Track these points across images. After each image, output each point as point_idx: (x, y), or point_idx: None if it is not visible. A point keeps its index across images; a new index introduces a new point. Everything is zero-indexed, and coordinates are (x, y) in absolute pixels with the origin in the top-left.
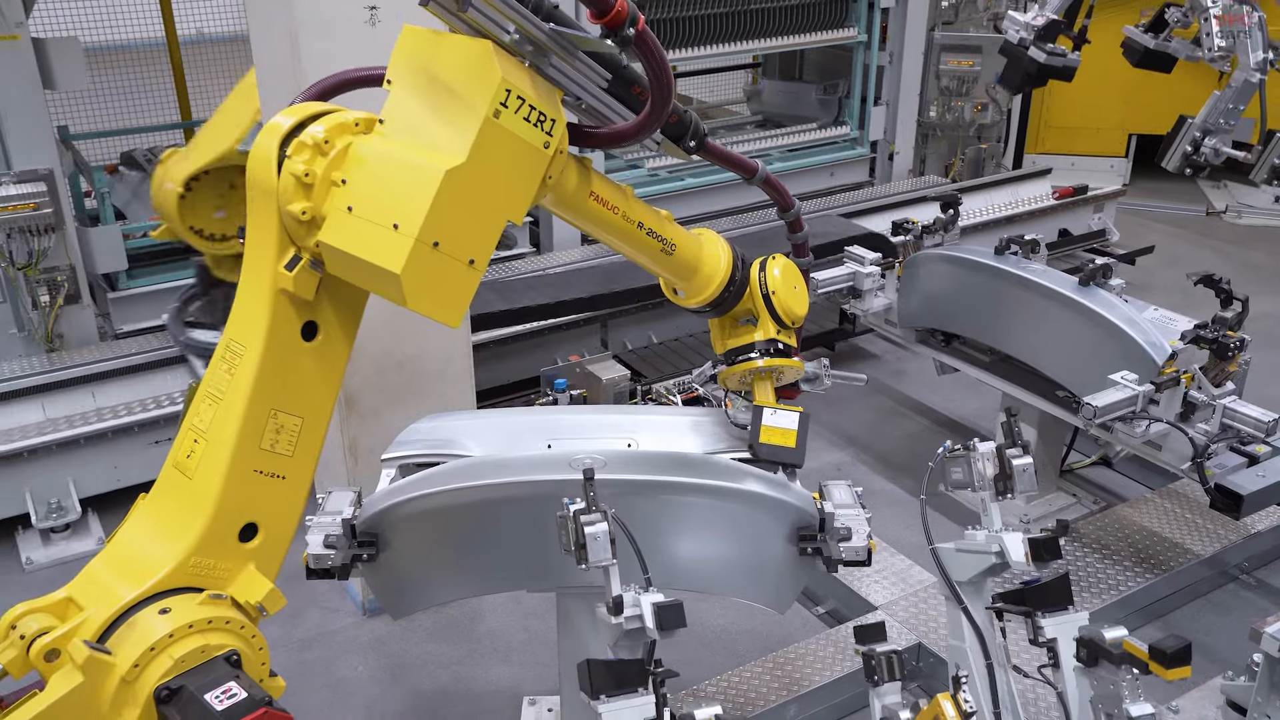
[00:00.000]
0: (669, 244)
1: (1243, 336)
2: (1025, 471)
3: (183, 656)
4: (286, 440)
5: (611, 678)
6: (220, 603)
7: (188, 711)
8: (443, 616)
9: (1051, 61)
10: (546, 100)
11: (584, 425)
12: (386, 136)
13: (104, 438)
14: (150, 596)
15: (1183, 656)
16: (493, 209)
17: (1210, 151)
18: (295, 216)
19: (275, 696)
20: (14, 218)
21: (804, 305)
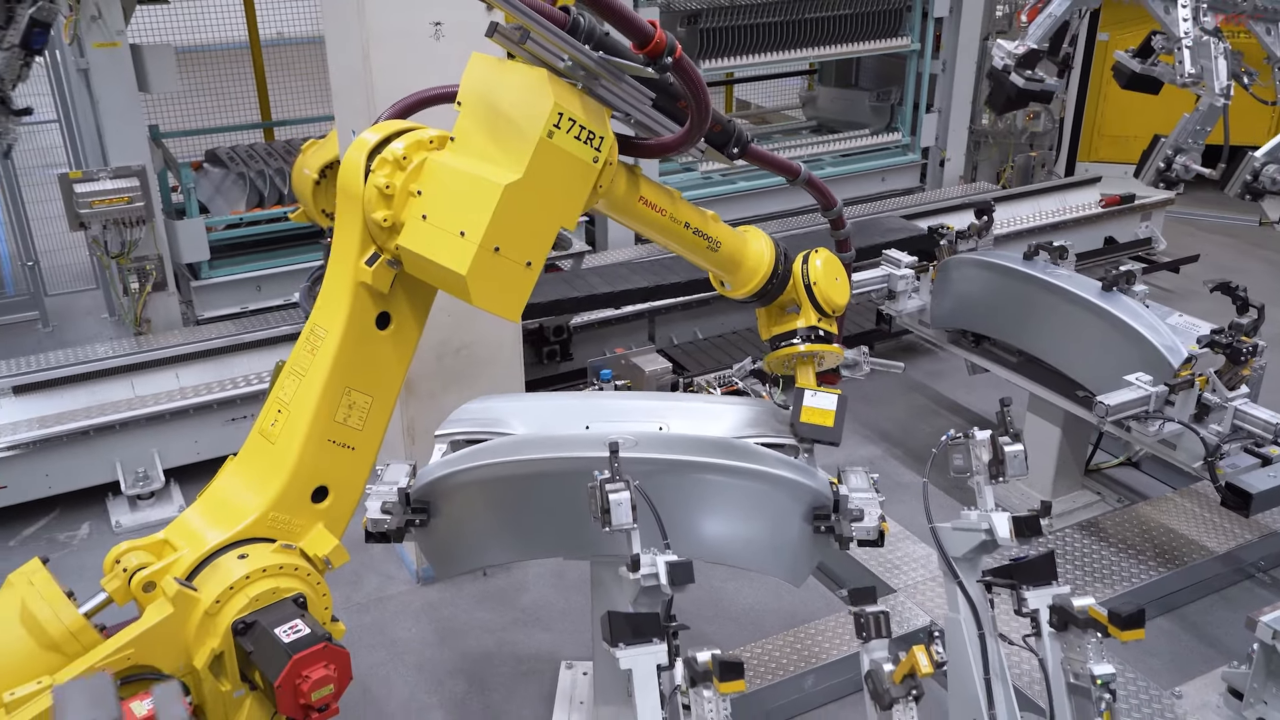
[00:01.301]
0: (714, 241)
1: (1256, 342)
2: (1016, 457)
3: (257, 595)
4: (358, 415)
5: (629, 628)
6: (291, 552)
7: (260, 642)
8: (490, 586)
9: (1029, 87)
10: (596, 120)
11: (620, 409)
12: (456, 153)
13: (186, 414)
14: (233, 543)
15: (1136, 620)
16: (548, 216)
17: (1181, 168)
18: (378, 223)
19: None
20: (109, 210)
21: (844, 295)
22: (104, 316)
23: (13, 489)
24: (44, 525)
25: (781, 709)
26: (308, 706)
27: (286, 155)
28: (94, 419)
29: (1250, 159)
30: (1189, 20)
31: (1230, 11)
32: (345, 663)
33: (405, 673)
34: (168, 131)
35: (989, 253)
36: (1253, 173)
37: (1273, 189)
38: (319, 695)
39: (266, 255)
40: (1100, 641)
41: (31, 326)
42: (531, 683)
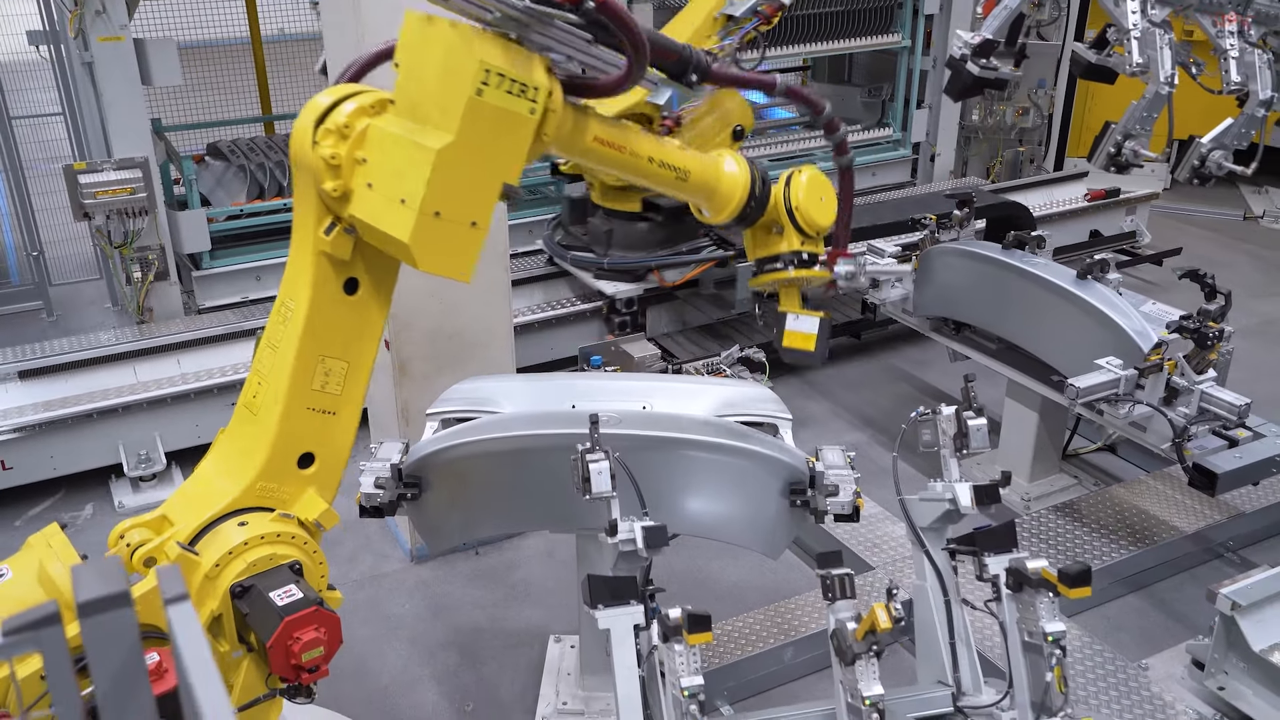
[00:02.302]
0: (682, 171)
1: (1223, 327)
2: (979, 430)
3: (254, 561)
4: (335, 381)
5: (608, 590)
6: (289, 521)
7: (255, 605)
8: (481, 564)
9: (984, 75)
10: (527, 71)
11: (604, 389)
12: (396, 115)
13: (187, 398)
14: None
15: (1083, 578)
16: (488, 175)
17: (1130, 153)
18: (329, 193)
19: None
20: (113, 201)
21: (828, 216)
22: (107, 306)
23: (18, 470)
24: (49, 506)
25: (762, 680)
26: (298, 667)
27: (286, 148)
28: (97, 403)
29: (1198, 145)
30: (1137, 13)
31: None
32: (335, 627)
33: (399, 646)
34: (170, 125)
35: (969, 243)
36: (1200, 158)
37: (1218, 173)
38: (309, 656)
39: (266, 246)
40: (1052, 601)
41: (36, 316)
42: (521, 655)
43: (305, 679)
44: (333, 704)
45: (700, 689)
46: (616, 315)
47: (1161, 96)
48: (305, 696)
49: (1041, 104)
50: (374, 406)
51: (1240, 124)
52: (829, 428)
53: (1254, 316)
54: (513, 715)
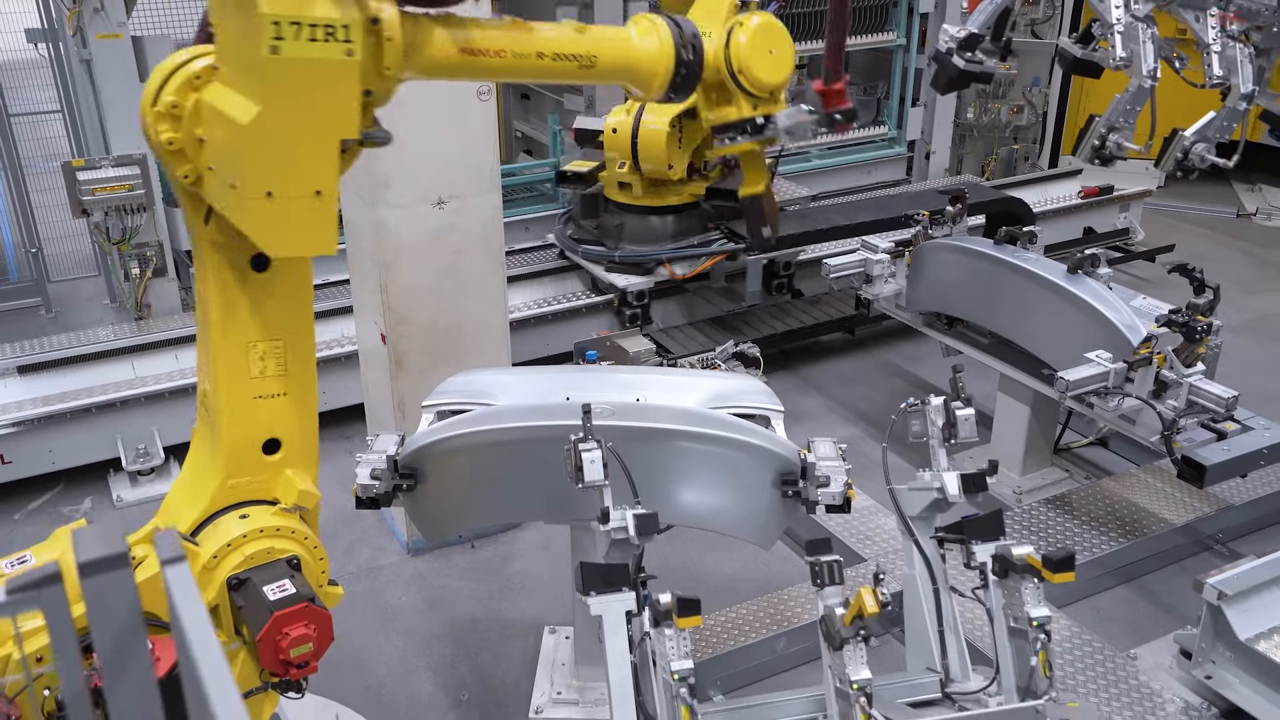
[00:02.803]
0: (586, 58)
1: (1211, 321)
2: (967, 420)
3: (251, 554)
4: (274, 363)
5: (600, 577)
6: (290, 515)
7: (248, 598)
8: (477, 557)
9: (969, 68)
10: (328, 9)
11: (599, 382)
12: (218, 85)
13: (185, 393)
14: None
15: (1066, 564)
16: (317, 137)
17: (1113, 145)
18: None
19: (332, 604)
20: (111, 198)
21: (780, 73)
22: (105, 303)
23: (18, 464)
24: (48, 499)
25: (755, 670)
26: (287, 662)
27: None
28: (96, 397)
29: (1181, 138)
30: (1120, 8)
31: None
32: (326, 624)
33: (395, 637)
34: None
35: (962, 238)
36: (1183, 150)
37: (1201, 165)
38: (298, 652)
39: None
40: (1037, 586)
41: (34, 312)
42: (516, 646)
43: (294, 674)
44: (330, 694)
45: (690, 673)
46: (627, 308)
47: (1144, 90)
48: (295, 692)
49: (1036, 102)
50: (371, 400)
51: (1222, 117)
52: (823, 422)
53: (1246, 313)
54: (508, 704)
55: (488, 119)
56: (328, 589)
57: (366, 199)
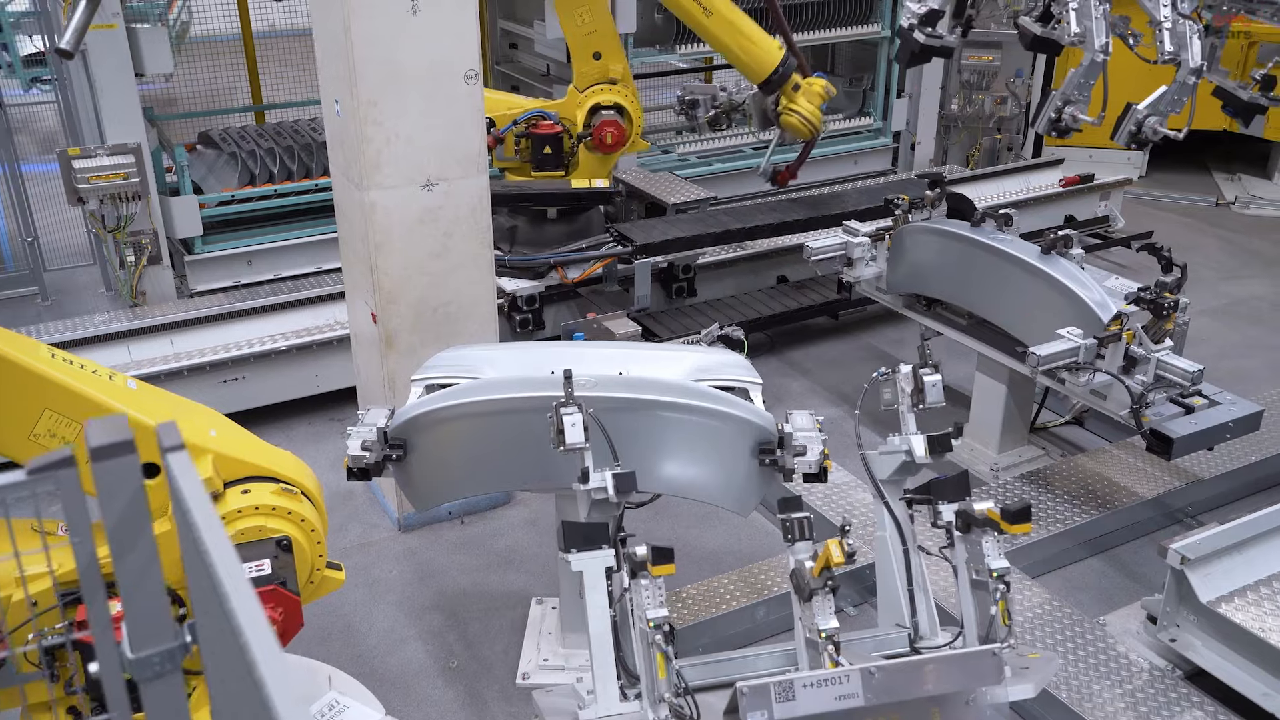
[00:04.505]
0: None
1: (1178, 298)
2: (935, 386)
3: (242, 530)
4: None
5: (580, 536)
6: (290, 496)
7: None
8: (467, 533)
9: (930, 43)
10: None
11: (583, 356)
12: None
13: (180, 375)
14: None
15: (1023, 515)
16: None
17: (1069, 118)
18: None
19: (333, 587)
20: (106, 186)
21: None
22: (101, 291)
23: None
24: None
25: (736, 637)
26: None
27: (277, 136)
28: None
29: (1134, 111)
30: None
31: None
32: (295, 609)
33: (386, 609)
34: (162, 114)
35: (940, 221)
36: (1136, 124)
37: (1154, 138)
38: None
39: (257, 231)
40: (997, 539)
41: (31, 301)
42: (504, 617)
43: None
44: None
45: (665, 620)
46: (517, 313)
47: (1097, 64)
48: None
49: (1019, 93)
50: (363, 380)
51: (1173, 91)
52: (806, 404)
53: (1222, 298)
54: (496, 670)
55: (475, 102)
56: (327, 573)
57: (356, 181)
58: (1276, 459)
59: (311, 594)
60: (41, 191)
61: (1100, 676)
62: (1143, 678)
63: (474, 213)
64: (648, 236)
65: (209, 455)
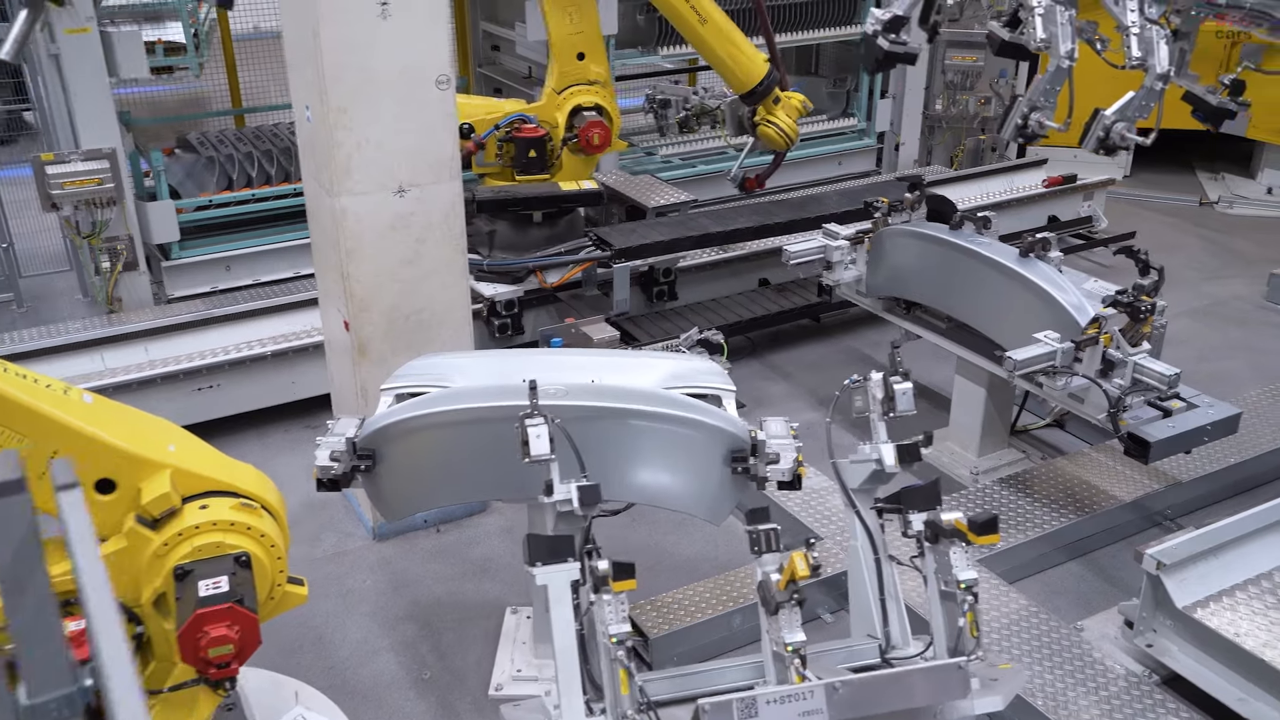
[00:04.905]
0: None
1: (1155, 301)
2: (905, 394)
3: (201, 546)
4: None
5: (546, 549)
6: (249, 511)
7: (185, 590)
8: (443, 542)
9: (894, 49)
10: None
11: (555, 364)
12: None
13: (154, 383)
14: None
15: (990, 526)
16: None
17: (1035, 124)
18: None
19: (295, 603)
20: (80, 192)
21: None
22: (77, 297)
23: None
24: None
25: (712, 645)
26: (206, 661)
27: (256, 140)
28: None
29: (1102, 117)
30: None
31: None
32: (252, 627)
33: (358, 619)
34: (139, 118)
35: (919, 224)
36: (1104, 129)
37: (1122, 144)
38: (217, 652)
39: (235, 236)
40: (965, 550)
41: (6, 307)
42: (478, 627)
43: (213, 674)
44: (292, 674)
45: (628, 635)
46: (496, 318)
47: (1062, 70)
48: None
49: (1003, 94)
50: (336, 388)
51: (1140, 97)
52: (786, 408)
53: (1204, 299)
54: (469, 682)
55: (447, 108)
56: (288, 588)
57: (327, 187)
58: (1255, 461)
59: (272, 610)
60: (16, 197)
61: (1076, 684)
62: (1119, 684)
63: (447, 219)
64: (626, 240)
65: (166, 470)
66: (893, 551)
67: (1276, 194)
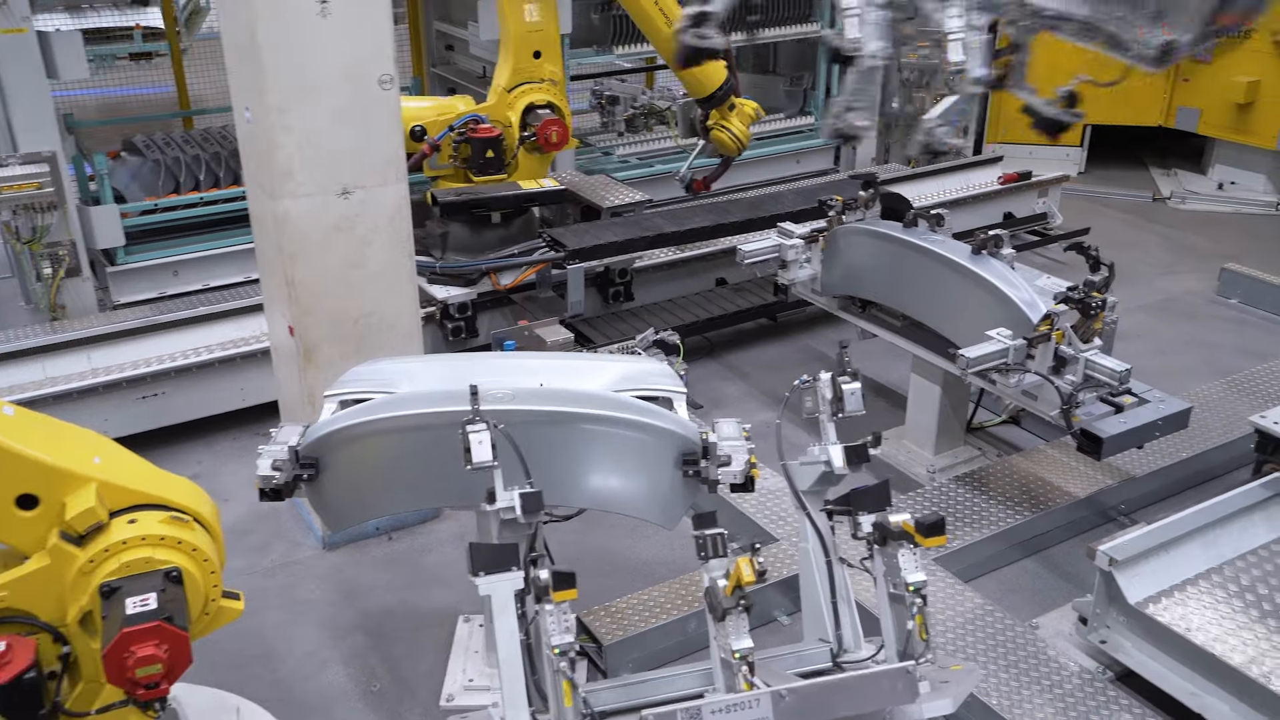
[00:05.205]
0: None
1: (1106, 297)
2: (853, 394)
3: (129, 562)
4: None
5: (490, 558)
6: (180, 525)
7: (111, 609)
8: (394, 549)
9: (698, 44)
10: None
11: (502, 368)
12: None
13: (95, 392)
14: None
15: (937, 528)
16: None
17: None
18: None
19: (230, 618)
20: (19, 196)
21: None
22: (20, 305)
23: None
24: None
25: (667, 650)
26: (133, 681)
27: (204, 143)
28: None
29: (923, 122)
30: None
31: None
32: (182, 646)
33: (307, 630)
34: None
35: (874, 222)
36: (926, 134)
37: (943, 149)
38: (144, 672)
39: (183, 241)
40: (913, 551)
41: None
42: (431, 636)
43: (141, 695)
44: (238, 688)
45: (570, 646)
46: (450, 320)
47: (872, 70)
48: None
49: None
50: (284, 395)
51: (960, 101)
52: (743, 408)
53: (1158, 294)
54: (420, 693)
55: (391, 108)
56: (223, 603)
57: (269, 190)
58: (1207, 455)
59: (206, 627)
60: None
61: (1031, 682)
62: (1073, 682)
63: (393, 221)
64: (580, 241)
65: (92, 484)
66: (844, 553)
67: (1227, 189)
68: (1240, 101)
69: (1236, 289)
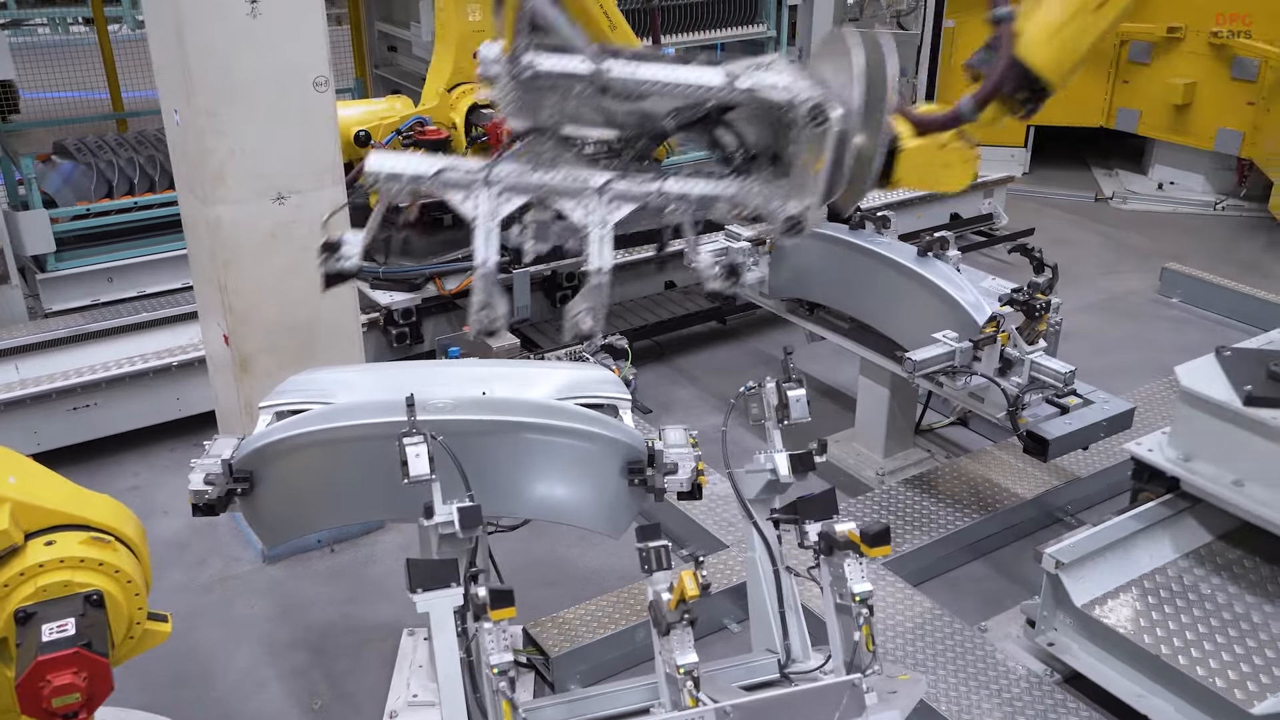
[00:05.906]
0: None
1: (1050, 299)
2: (799, 401)
3: (45, 586)
4: None
5: (428, 574)
6: (102, 546)
7: (27, 636)
8: (337, 562)
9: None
10: None
11: (444, 377)
12: None
13: (23, 404)
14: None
15: (882, 538)
16: None
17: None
18: None
19: (157, 641)
20: None
21: None
22: None
23: None
24: None
25: (615, 661)
26: (50, 712)
27: (138, 146)
28: None
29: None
30: None
31: None
32: (102, 672)
33: (246, 648)
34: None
35: (819, 224)
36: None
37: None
38: (61, 702)
39: (117, 246)
40: (859, 561)
41: None
42: (374, 650)
43: None
44: (172, 710)
45: (509, 665)
46: (394, 327)
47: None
48: None
49: (904, 93)
50: (221, 406)
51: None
52: (693, 412)
53: (1101, 293)
54: (363, 710)
55: (327, 111)
56: (148, 626)
57: (201, 195)
58: None
59: (131, 650)
60: None
61: (980, 686)
62: (1020, 685)
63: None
64: None
65: (7, 504)
66: (792, 562)
67: (1167, 189)
68: (1178, 103)
69: (1177, 288)
